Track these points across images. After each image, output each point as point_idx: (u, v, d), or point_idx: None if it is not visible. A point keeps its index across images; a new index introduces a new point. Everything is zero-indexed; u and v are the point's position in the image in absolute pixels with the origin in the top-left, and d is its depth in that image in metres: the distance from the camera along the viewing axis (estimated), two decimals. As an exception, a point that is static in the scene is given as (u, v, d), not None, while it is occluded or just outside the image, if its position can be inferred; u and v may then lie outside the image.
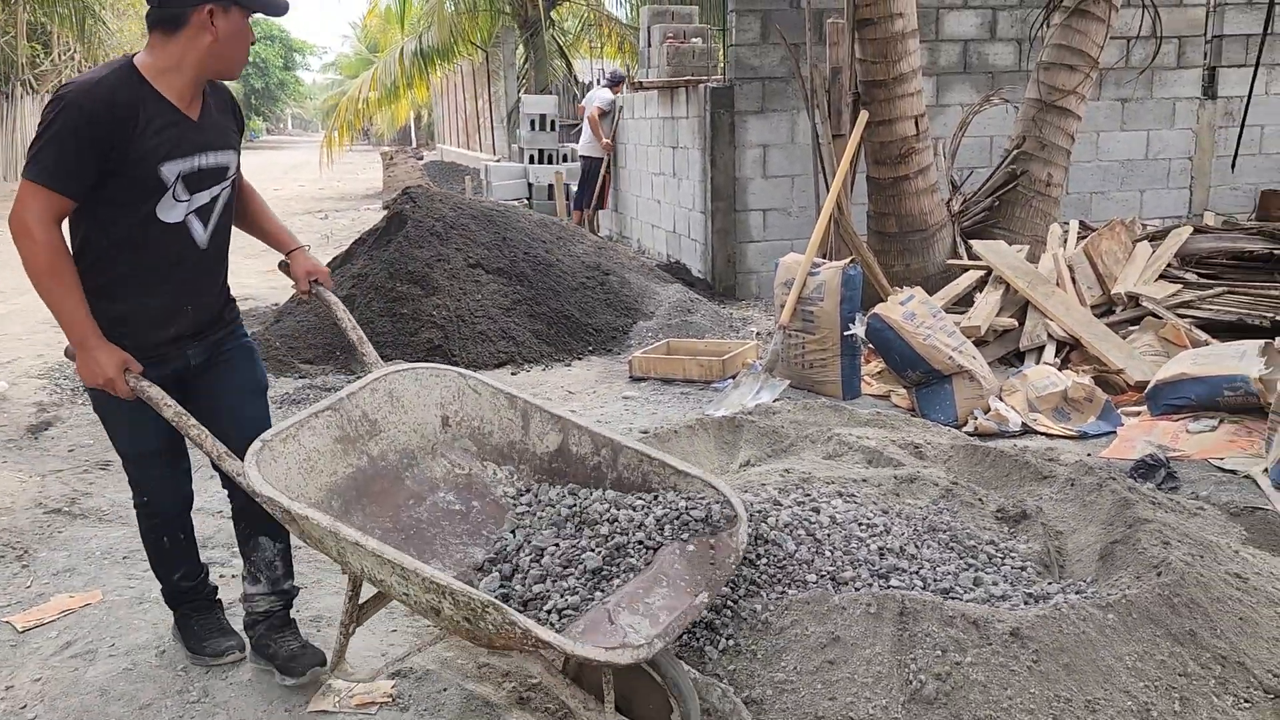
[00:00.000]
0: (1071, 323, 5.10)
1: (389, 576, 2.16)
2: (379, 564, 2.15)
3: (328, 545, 2.26)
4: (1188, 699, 2.41)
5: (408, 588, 2.14)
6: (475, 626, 2.07)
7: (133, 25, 26.37)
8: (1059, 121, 6.96)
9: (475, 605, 2.03)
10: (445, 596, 2.07)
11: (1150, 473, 3.83)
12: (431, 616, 2.18)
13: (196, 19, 2.32)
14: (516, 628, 2.00)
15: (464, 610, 2.06)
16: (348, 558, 2.24)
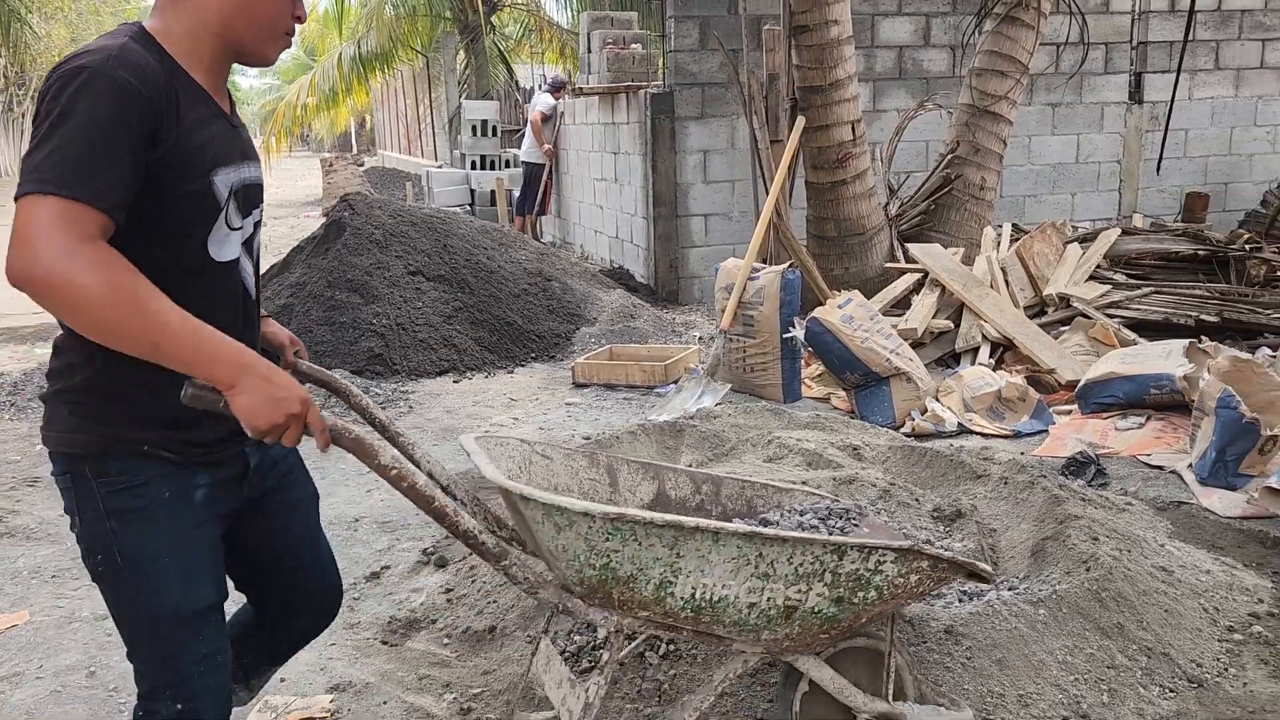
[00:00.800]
0: (1004, 324, 5.21)
1: (739, 582, 1.85)
2: (736, 564, 1.83)
3: (649, 566, 1.81)
4: (1116, 690, 2.47)
5: (766, 584, 1.86)
6: (854, 598, 1.93)
7: (61, 30, 25.79)
8: (991, 126, 7.10)
9: (874, 559, 1.90)
10: (830, 568, 1.87)
11: (1081, 470, 3.92)
12: (769, 627, 1.91)
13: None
14: (940, 558, 1.98)
15: (848, 579, 1.90)
16: (679, 572, 1.83)
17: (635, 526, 1.77)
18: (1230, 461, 3.63)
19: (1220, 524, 3.52)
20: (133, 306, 1.45)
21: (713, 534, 1.80)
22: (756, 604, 1.88)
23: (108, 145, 1.45)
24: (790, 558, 1.86)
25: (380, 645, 2.95)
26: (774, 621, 1.91)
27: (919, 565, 1.97)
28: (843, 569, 1.91)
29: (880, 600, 1.97)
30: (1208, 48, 9.44)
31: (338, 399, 2.17)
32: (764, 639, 1.94)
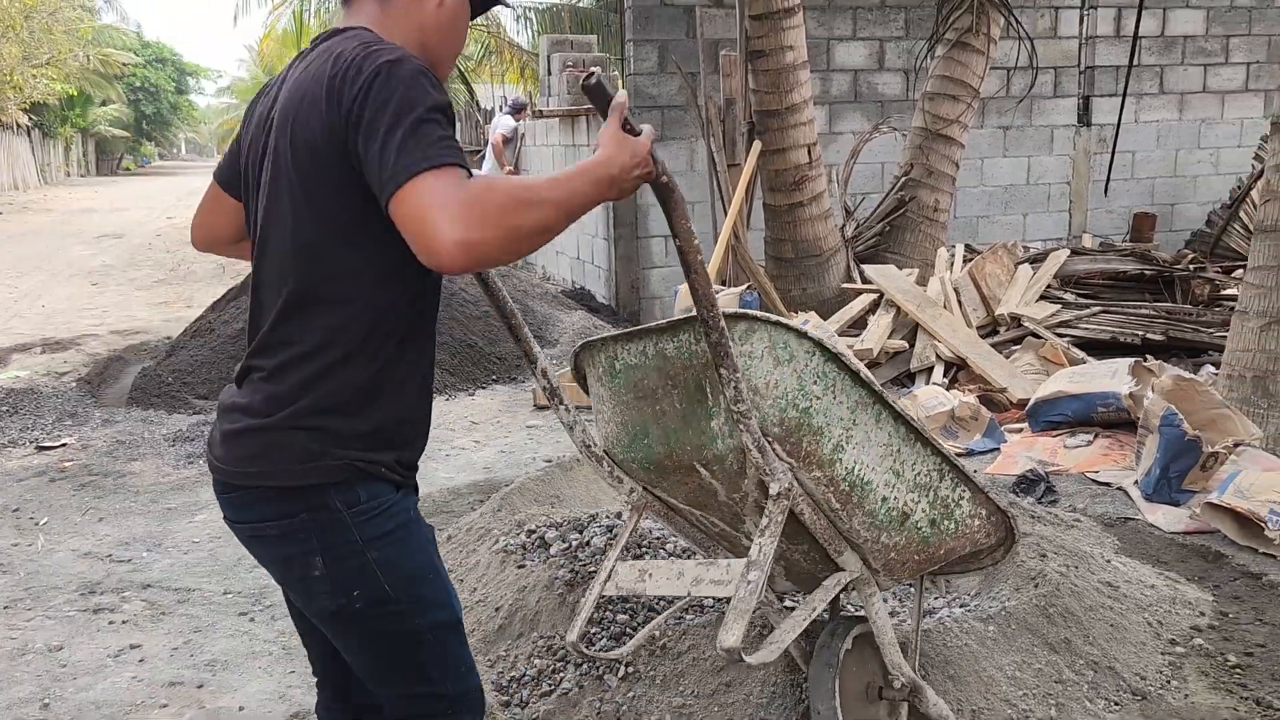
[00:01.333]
0: (957, 344, 5.31)
1: (883, 467, 1.96)
2: (887, 447, 1.95)
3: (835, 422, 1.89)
4: (1063, 705, 2.53)
5: (898, 479, 1.98)
6: (944, 520, 2.08)
7: (12, 49, 25.45)
8: (944, 149, 7.25)
9: (959, 491, 2.08)
10: (940, 480, 2.04)
11: (1031, 487, 4.01)
12: (887, 527, 2.01)
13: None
14: (995, 510, 2.16)
15: (942, 502, 2.06)
16: (850, 441, 1.91)
17: (838, 376, 1.89)
18: (1174, 478, 3.73)
19: (1164, 539, 3.62)
20: (530, 201, 1.39)
21: (881, 407, 1.95)
22: (887, 499, 1.99)
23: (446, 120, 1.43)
24: (914, 464, 2.00)
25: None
26: (893, 524, 2.01)
27: (980, 511, 2.15)
28: (941, 491, 2.06)
29: (954, 535, 2.12)
30: (1152, 72, 9.70)
31: None
32: (881, 543, 2.02)
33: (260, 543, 1.60)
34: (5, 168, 32.89)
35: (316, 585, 1.55)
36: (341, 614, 1.57)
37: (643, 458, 2.11)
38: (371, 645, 1.61)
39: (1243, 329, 4.26)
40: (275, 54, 27.47)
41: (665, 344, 1.98)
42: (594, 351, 2.18)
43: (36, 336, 8.18)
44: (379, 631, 1.59)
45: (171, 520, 4.21)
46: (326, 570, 1.53)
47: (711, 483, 2.04)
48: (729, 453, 1.92)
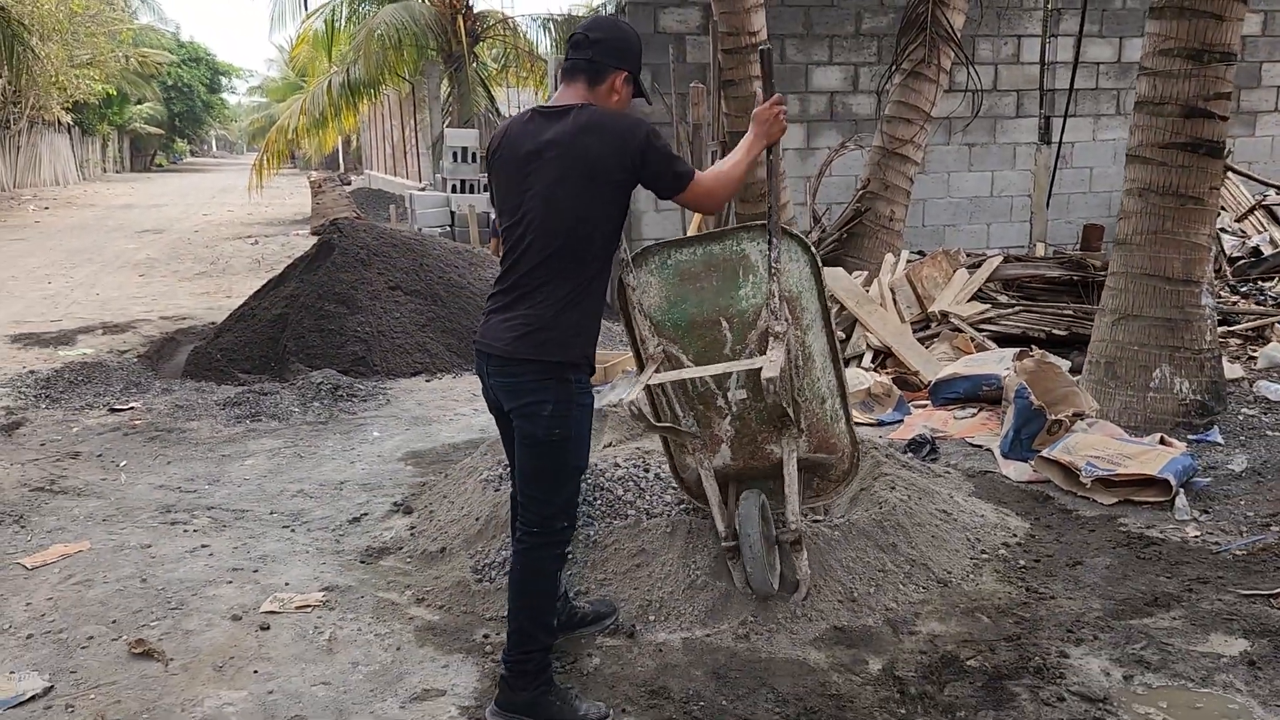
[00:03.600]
0: (885, 335, 6.25)
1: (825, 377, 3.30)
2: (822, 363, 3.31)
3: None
4: (881, 586, 3.48)
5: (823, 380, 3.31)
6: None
7: (58, 50, 26.68)
8: (900, 166, 8.17)
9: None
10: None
11: (919, 448, 4.94)
12: (827, 400, 3.33)
13: (613, 79, 2.77)
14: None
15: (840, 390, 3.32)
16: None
17: (816, 285, 3.20)
18: (1025, 440, 4.65)
19: (1011, 487, 4.55)
20: (732, 176, 2.82)
21: (824, 322, 3.26)
22: (818, 380, 3.29)
23: None
24: (831, 375, 3.31)
25: (359, 564, 3.93)
26: (816, 399, 3.27)
27: (848, 436, 3.41)
28: (837, 404, 3.36)
29: (835, 436, 3.38)
30: (1110, 95, 10.58)
31: None
32: (810, 409, 3.31)
33: (516, 392, 2.73)
34: (48, 164, 34.28)
35: (541, 421, 2.70)
36: (544, 441, 2.71)
37: (678, 317, 3.25)
38: (544, 462, 2.74)
39: (1100, 324, 5.17)
40: (307, 56, 28.59)
41: (713, 246, 3.19)
42: (649, 254, 3.27)
43: (96, 320, 9.25)
44: (552, 455, 2.73)
45: (226, 464, 5.22)
46: (552, 412, 2.69)
47: (726, 334, 3.20)
48: (750, 309, 3.15)
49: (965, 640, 3.20)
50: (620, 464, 4.09)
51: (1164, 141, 5.00)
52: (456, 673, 3.10)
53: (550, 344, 2.69)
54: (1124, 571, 3.68)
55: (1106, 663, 3.06)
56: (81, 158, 40.34)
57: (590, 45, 2.78)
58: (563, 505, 2.80)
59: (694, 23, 9.16)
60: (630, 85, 2.81)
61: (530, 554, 2.80)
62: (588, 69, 2.77)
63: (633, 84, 2.83)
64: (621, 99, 2.79)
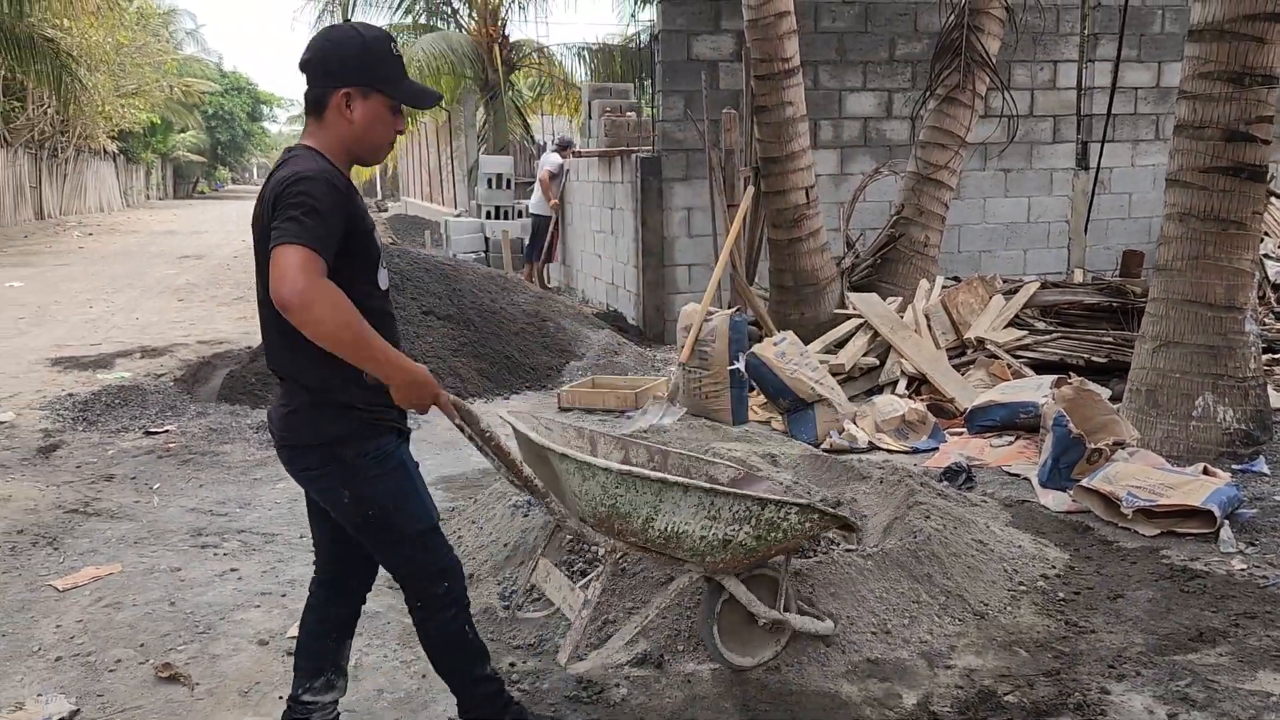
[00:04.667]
0: (920, 361, 6.17)
1: (696, 521, 2.71)
2: (696, 509, 2.69)
3: (640, 508, 2.68)
4: (916, 617, 3.41)
5: (713, 525, 2.72)
6: (768, 536, 2.80)
7: (105, 80, 27.31)
8: (934, 192, 8.11)
9: (783, 512, 2.78)
10: (754, 515, 2.74)
11: (955, 476, 4.86)
12: (711, 553, 2.78)
13: (335, 102, 2.32)
14: (825, 513, 2.91)
15: (764, 524, 2.77)
16: (659, 513, 2.68)
17: (636, 480, 2.64)
18: (1064, 468, 4.55)
19: (1050, 516, 4.45)
20: (356, 325, 2.17)
21: (684, 487, 2.68)
22: (706, 537, 2.76)
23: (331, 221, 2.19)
24: (731, 506, 2.74)
25: (386, 589, 3.87)
26: (715, 549, 2.79)
27: (812, 516, 2.91)
28: (764, 516, 2.80)
29: (785, 539, 2.88)
30: (1149, 120, 10.46)
31: None
32: (706, 562, 2.84)
33: (307, 480, 2.51)
34: (93, 191, 35.01)
35: (348, 507, 2.44)
36: (365, 524, 2.45)
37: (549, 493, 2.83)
38: (379, 539, 2.48)
39: (1140, 351, 5.07)
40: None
41: (533, 446, 2.85)
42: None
43: (135, 344, 9.37)
44: (383, 533, 2.46)
45: (257, 487, 5.24)
46: (351, 497, 2.42)
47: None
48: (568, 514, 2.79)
49: (1003, 675, 3.11)
50: (650, 490, 4.05)
51: (1205, 166, 4.91)
52: (482, 701, 3.06)
53: (311, 423, 2.38)
54: (1167, 605, 3.57)
55: (1150, 700, 2.96)
56: (126, 185, 41.18)
57: (306, 71, 2.37)
58: (430, 571, 2.52)
59: (727, 50, 9.18)
60: (370, 100, 2.33)
61: (426, 625, 2.59)
62: (309, 102, 2.37)
63: (375, 96, 2.34)
64: (359, 122, 2.33)
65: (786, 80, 7.23)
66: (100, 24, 24.77)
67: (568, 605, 2.91)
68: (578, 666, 2.87)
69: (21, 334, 10.04)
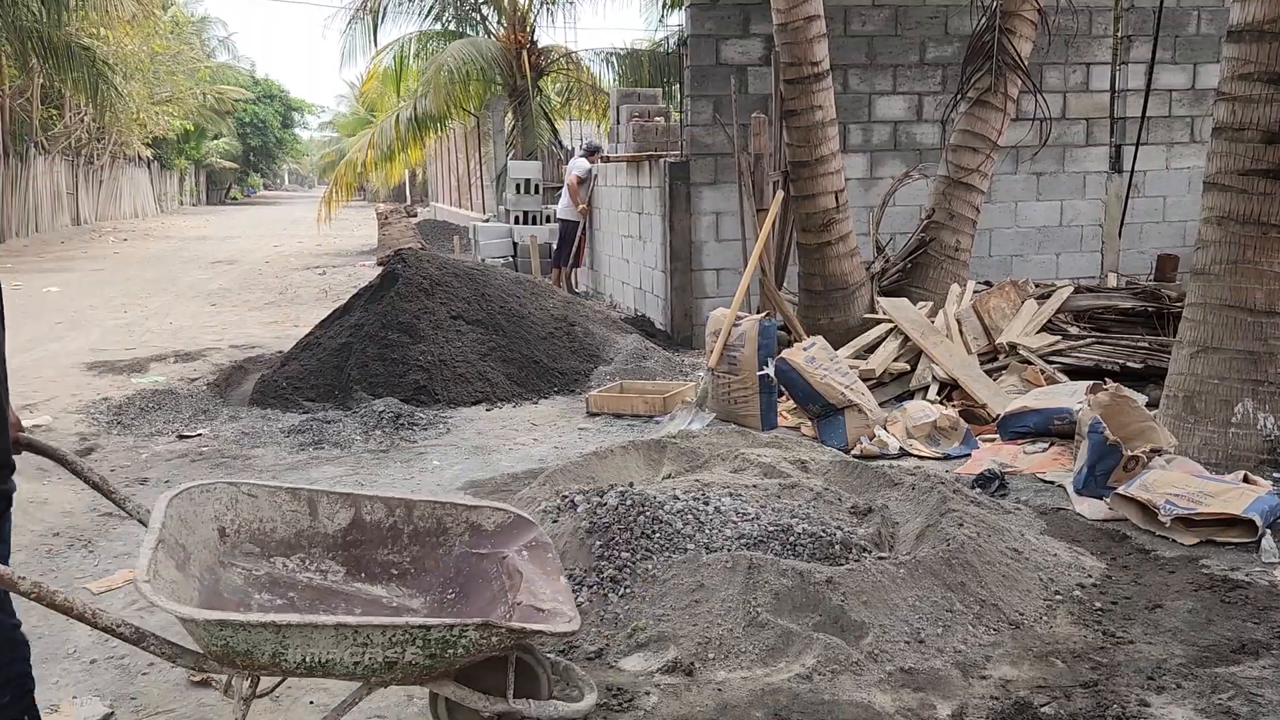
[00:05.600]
0: (951, 366, 6.11)
1: (341, 650, 2.34)
2: (336, 640, 2.32)
3: (260, 645, 2.31)
4: (950, 626, 3.36)
5: (365, 650, 2.35)
6: (445, 653, 2.40)
7: (139, 89, 27.68)
8: (965, 196, 8.03)
9: (456, 630, 2.37)
10: (419, 637, 2.36)
11: (987, 483, 4.80)
12: (378, 674, 2.41)
13: None
14: (510, 629, 2.43)
15: (436, 643, 2.37)
16: (288, 648, 2.32)
17: (236, 626, 2.25)
18: (1100, 476, 4.48)
19: (1085, 525, 4.38)
20: None
21: (308, 627, 2.27)
22: (360, 661, 2.37)
23: None
24: (383, 633, 2.34)
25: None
26: (378, 672, 2.41)
27: (498, 631, 2.45)
28: (431, 636, 2.38)
29: (469, 654, 2.45)
30: (1184, 122, 10.32)
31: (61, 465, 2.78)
32: (373, 683, 2.46)
33: None
34: (128, 197, 35.50)
35: None
36: None
37: None
38: None
39: (1178, 356, 4.99)
40: (376, 92, 29.30)
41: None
42: None
43: (169, 349, 9.47)
44: None
45: (288, 491, 5.26)
46: None
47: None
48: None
49: (1039, 685, 3.06)
50: (679, 496, 4.04)
51: (1244, 168, 4.83)
52: (511, 707, 3.05)
53: None
54: (1207, 616, 3.51)
55: (1191, 713, 2.90)
56: (160, 191, 41.71)
57: None
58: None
59: (756, 54, 9.15)
60: None
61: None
62: None
63: None
64: None
65: (816, 84, 7.19)
66: (135, 32, 25.15)
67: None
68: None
69: (58, 338, 10.18)
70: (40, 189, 25.14)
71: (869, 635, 3.28)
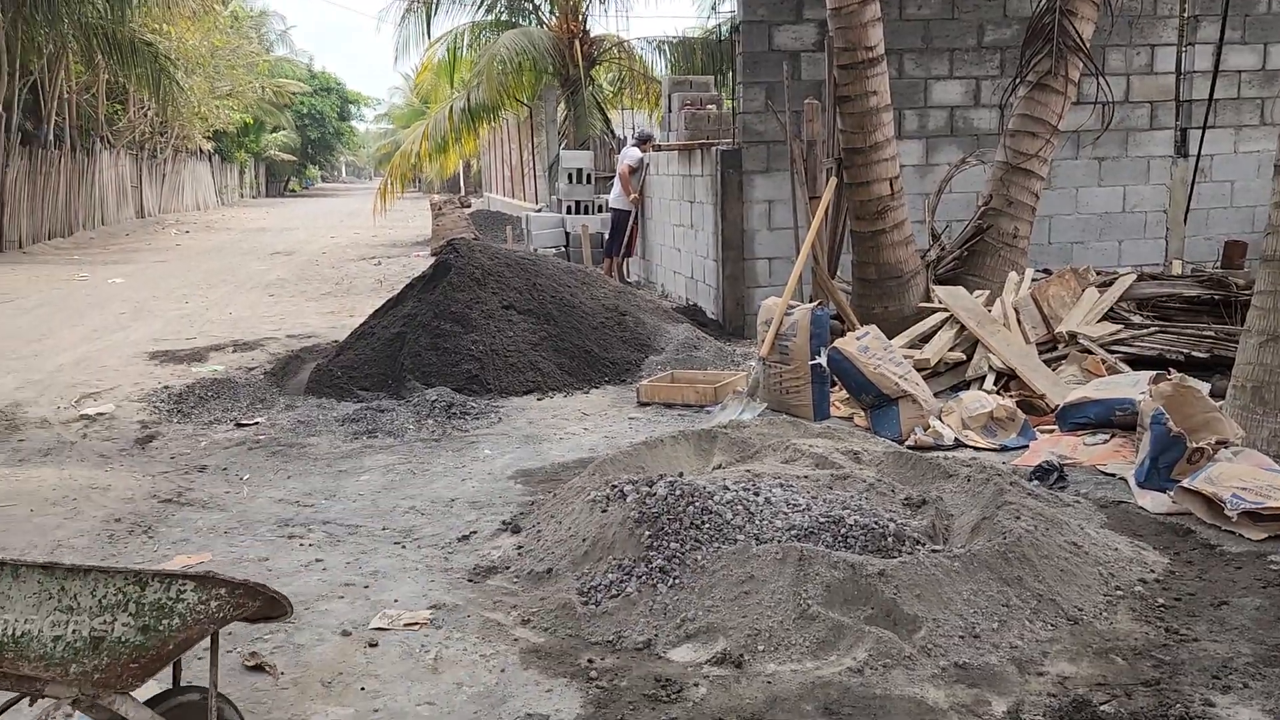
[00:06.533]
0: (1009, 356, 5.98)
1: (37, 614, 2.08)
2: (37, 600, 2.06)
3: None
4: (1005, 621, 3.29)
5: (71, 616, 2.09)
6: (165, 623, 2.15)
7: (201, 83, 28.19)
8: (1024, 182, 7.86)
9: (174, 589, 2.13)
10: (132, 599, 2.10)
11: (1045, 475, 4.69)
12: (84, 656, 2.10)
13: None
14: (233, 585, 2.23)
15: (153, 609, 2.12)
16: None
17: None
18: (1163, 469, 4.36)
19: (1148, 519, 4.26)
20: None
21: (12, 569, 2.01)
22: (62, 636, 2.05)
23: None
24: (94, 590, 2.05)
25: (467, 582, 3.93)
26: (82, 654, 2.06)
27: (218, 592, 2.19)
28: (146, 599, 2.11)
29: (185, 626, 2.16)
30: (1253, 105, 9.99)
31: None
32: (73, 673, 2.08)
33: None
34: (190, 190, 36.23)
35: None
36: None
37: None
38: None
39: (1246, 345, 4.83)
40: (430, 83, 29.52)
41: None
42: None
43: (228, 338, 9.64)
44: None
45: (342, 479, 5.32)
46: None
47: None
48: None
49: (1098, 683, 2.99)
50: (729, 487, 4.01)
51: (1318, 150, 4.64)
52: (560, 698, 3.05)
53: None
54: (1276, 613, 3.39)
55: (1258, 714, 2.81)
56: (221, 184, 42.50)
57: None
58: None
59: (809, 40, 9.04)
60: None
61: None
62: None
63: None
64: None
65: (870, 69, 7.08)
66: (196, 28, 25.59)
67: None
68: None
69: (123, 328, 10.41)
70: (106, 183, 25.75)
71: (922, 629, 3.23)
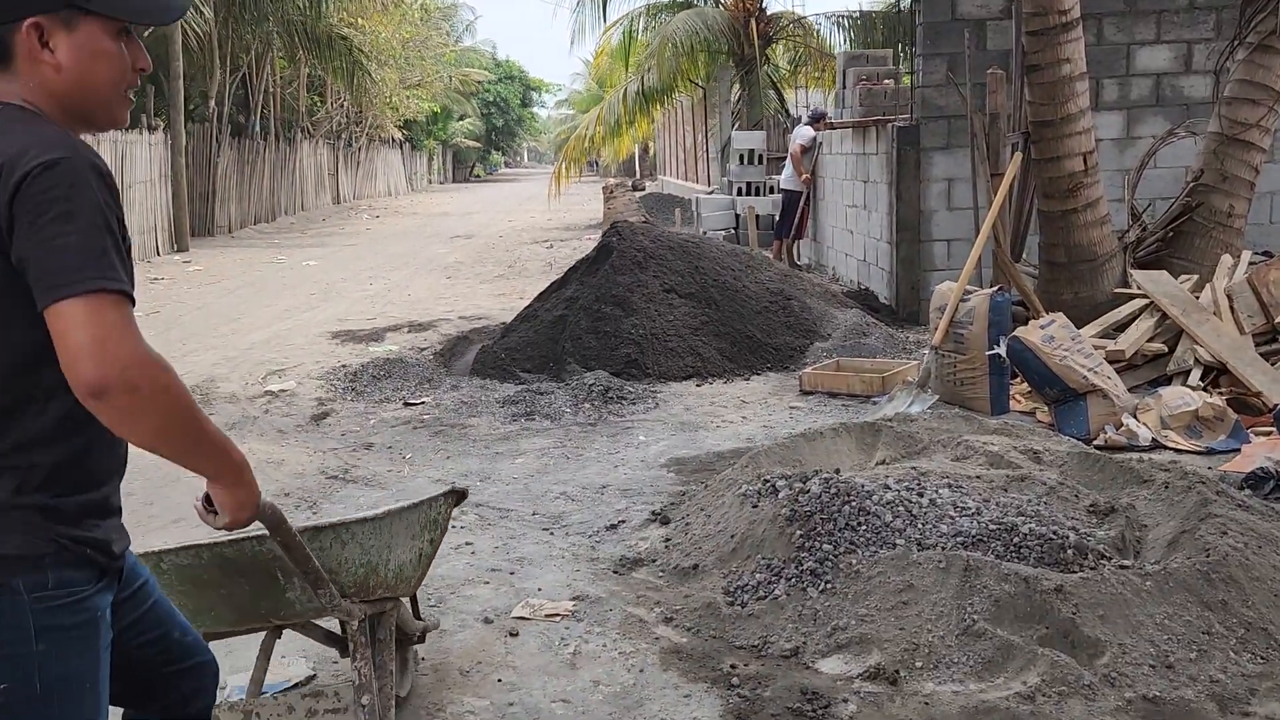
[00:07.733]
0: (1219, 348, 5.38)
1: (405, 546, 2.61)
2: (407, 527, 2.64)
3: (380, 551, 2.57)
4: (1206, 651, 2.90)
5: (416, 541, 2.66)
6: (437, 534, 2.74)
7: (391, 74, 29.46)
8: (1241, 154, 7.08)
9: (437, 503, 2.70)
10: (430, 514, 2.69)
11: (1260, 483, 4.16)
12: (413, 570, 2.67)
13: (21, 39, 1.47)
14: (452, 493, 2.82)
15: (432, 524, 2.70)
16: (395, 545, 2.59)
17: (379, 523, 2.49)
18: (1406, 482, 3.78)
19: (1386, 539, 3.69)
20: (192, 408, 1.46)
21: (397, 513, 2.56)
22: (410, 559, 2.62)
23: (113, 232, 1.42)
24: (416, 520, 2.62)
25: (612, 574, 3.83)
26: (413, 568, 2.66)
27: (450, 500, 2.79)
28: (432, 517, 2.69)
29: (444, 532, 2.79)
30: None
31: None
32: (401, 589, 2.64)
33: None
34: (382, 177, 38.03)
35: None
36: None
37: (209, 624, 2.48)
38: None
39: None
40: (606, 67, 29.80)
41: (226, 550, 2.41)
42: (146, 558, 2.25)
43: (404, 319, 9.95)
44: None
45: (498, 461, 5.34)
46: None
47: (279, 625, 2.66)
48: (307, 610, 2.51)
49: (1319, 732, 2.57)
50: (891, 486, 3.73)
51: None
52: (699, 704, 2.89)
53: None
54: None
55: None
56: (410, 170, 44.43)
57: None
58: None
59: (995, 6, 8.45)
60: (78, 29, 1.48)
61: None
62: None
63: (84, 21, 1.48)
64: (65, 63, 1.48)
65: (1064, 34, 6.52)
66: (387, 21, 26.73)
67: (326, 711, 2.66)
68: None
69: (311, 309, 10.94)
70: (305, 171, 27.29)
71: (1105, 655, 2.88)
